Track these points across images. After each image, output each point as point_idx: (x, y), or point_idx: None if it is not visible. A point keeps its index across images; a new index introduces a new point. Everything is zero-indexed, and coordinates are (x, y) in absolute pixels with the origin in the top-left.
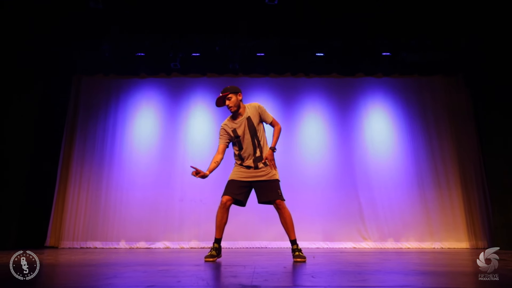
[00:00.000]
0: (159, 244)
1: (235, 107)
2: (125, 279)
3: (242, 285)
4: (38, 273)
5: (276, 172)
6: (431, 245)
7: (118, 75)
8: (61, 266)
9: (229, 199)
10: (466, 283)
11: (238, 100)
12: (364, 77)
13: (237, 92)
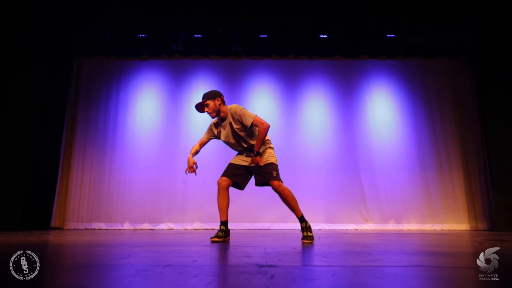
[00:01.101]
0: (162, 226)
1: (214, 113)
2: (140, 258)
3: (259, 265)
4: (54, 253)
5: (271, 157)
6: (431, 227)
7: (119, 57)
8: (73, 246)
9: (225, 180)
10: (471, 262)
11: (217, 105)
12: (368, 60)
13: (215, 97)
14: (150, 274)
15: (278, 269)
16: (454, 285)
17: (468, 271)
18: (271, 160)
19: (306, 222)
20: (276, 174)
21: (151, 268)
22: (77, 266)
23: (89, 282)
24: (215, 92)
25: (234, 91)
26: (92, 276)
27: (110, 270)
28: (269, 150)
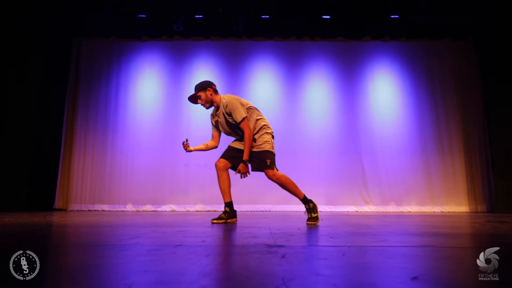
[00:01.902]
0: (165, 207)
1: (208, 103)
2: (149, 238)
3: (268, 245)
4: (64, 233)
5: (267, 144)
6: (431, 209)
7: (119, 38)
8: (80, 226)
9: (222, 161)
10: (481, 242)
11: (209, 96)
12: (371, 41)
13: (206, 88)
14: (163, 254)
15: (287, 249)
16: (464, 265)
17: (473, 251)
18: (266, 147)
19: (309, 203)
20: (270, 162)
21: (162, 248)
22: (87, 245)
23: (102, 260)
24: (205, 83)
25: (235, 73)
26: (105, 255)
27: (122, 249)
28: (265, 136)
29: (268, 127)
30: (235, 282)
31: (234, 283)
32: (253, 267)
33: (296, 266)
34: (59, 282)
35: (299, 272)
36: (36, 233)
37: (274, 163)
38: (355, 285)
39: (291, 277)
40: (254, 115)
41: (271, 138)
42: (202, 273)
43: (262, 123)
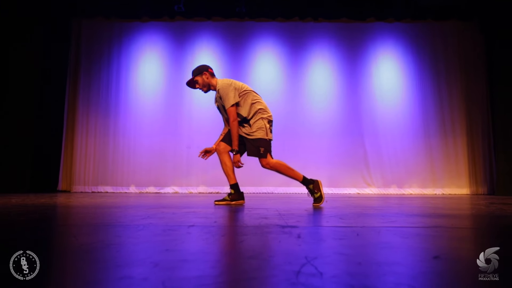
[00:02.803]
0: (168, 189)
1: (205, 87)
2: (160, 219)
3: (280, 226)
4: (75, 213)
5: (260, 131)
6: (432, 191)
7: (119, 18)
8: (88, 207)
9: (221, 144)
10: (490, 224)
11: (205, 80)
12: (375, 22)
13: (202, 72)
14: (178, 234)
15: (300, 230)
16: (482, 245)
17: (486, 232)
18: (259, 134)
19: (310, 183)
20: (263, 150)
21: (176, 228)
22: (102, 225)
23: (121, 240)
24: (201, 67)
25: (238, 54)
26: (122, 235)
27: (137, 230)
28: (259, 122)
29: (265, 110)
30: (261, 260)
31: (260, 261)
32: (273, 247)
33: (314, 245)
34: (87, 260)
35: (320, 251)
36: (46, 213)
37: (268, 150)
38: (379, 263)
39: (314, 256)
40: (249, 99)
41: (266, 124)
42: (225, 253)
43: (258, 106)
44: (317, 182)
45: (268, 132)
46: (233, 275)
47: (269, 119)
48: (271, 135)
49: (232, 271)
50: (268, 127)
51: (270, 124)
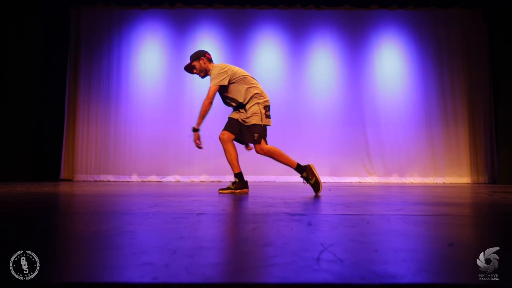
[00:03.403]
0: (170, 178)
1: (202, 73)
2: (168, 207)
3: (289, 214)
4: (81, 202)
5: (254, 117)
6: (433, 180)
7: (119, 5)
8: (94, 196)
9: (225, 133)
10: (495, 212)
11: (203, 65)
12: (378, 9)
13: (199, 57)
14: (189, 221)
15: (310, 217)
16: (493, 233)
17: (492, 220)
18: (254, 120)
19: (303, 171)
20: (257, 136)
21: (186, 216)
22: (112, 213)
23: (134, 227)
24: (199, 52)
25: (239, 42)
26: (134, 222)
27: (147, 217)
28: (254, 107)
29: (261, 95)
30: (277, 247)
31: (277, 248)
32: (286, 234)
33: (327, 233)
34: (104, 247)
35: (334, 238)
36: (53, 201)
37: (262, 136)
38: (396, 250)
39: (330, 243)
40: (244, 84)
41: (261, 109)
42: (240, 240)
43: (254, 91)
44: (309, 167)
45: (263, 117)
46: (252, 261)
47: (265, 104)
48: (267, 121)
49: (251, 258)
50: (264, 113)
51: (267, 109)
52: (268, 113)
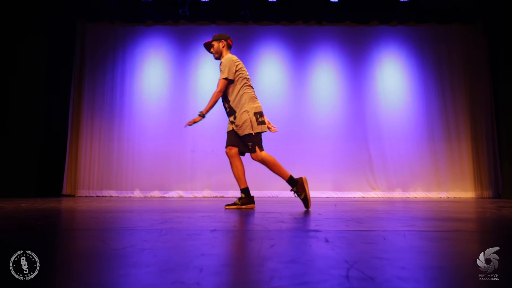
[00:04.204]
0: (172, 193)
1: (217, 54)
2: (180, 223)
3: (302, 230)
4: (90, 218)
5: (246, 127)
6: (437, 194)
7: (123, 22)
8: (101, 212)
9: (231, 148)
10: (504, 227)
11: (220, 47)
12: (379, 26)
13: (220, 39)
14: (205, 238)
15: (325, 234)
16: (505, 248)
17: (506, 235)
18: (245, 130)
19: (294, 184)
20: (251, 145)
21: (199, 232)
22: (124, 229)
23: (150, 244)
24: (223, 35)
25: (242, 58)
26: (149, 239)
27: (162, 234)
28: (244, 115)
29: (252, 101)
30: (303, 264)
31: (304, 265)
32: (307, 251)
33: (347, 250)
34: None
35: (356, 255)
36: (61, 217)
37: (256, 143)
38: (425, 267)
39: (353, 260)
40: (239, 85)
41: (251, 117)
42: (263, 257)
43: (245, 96)
44: (301, 181)
45: (255, 125)
46: (285, 279)
47: (256, 110)
48: (259, 127)
49: (282, 276)
50: (254, 120)
51: (258, 116)
52: (261, 119)
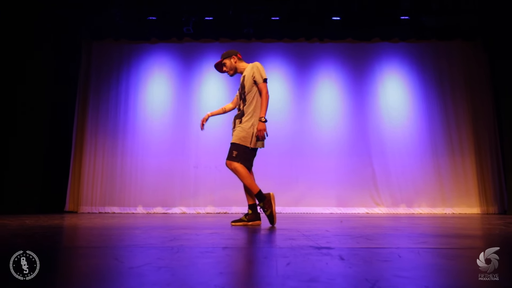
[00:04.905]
0: (175, 210)
1: (232, 71)
2: (189, 241)
3: (314, 247)
4: (98, 235)
5: (240, 134)
6: (442, 210)
7: (128, 40)
8: (107, 229)
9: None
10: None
11: (233, 63)
12: (380, 42)
13: (231, 56)
14: (219, 256)
15: (338, 251)
16: None
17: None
18: (242, 141)
19: (261, 200)
20: (236, 154)
21: (211, 249)
22: (134, 247)
23: (164, 262)
24: (231, 51)
25: None
26: (163, 257)
27: (174, 252)
28: (250, 130)
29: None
30: (325, 283)
31: (325, 284)
32: (325, 269)
33: (364, 268)
34: (151, 283)
35: (375, 273)
36: (68, 235)
37: (242, 158)
38: (450, 286)
39: (374, 279)
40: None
41: (251, 130)
42: (282, 275)
43: (257, 110)
44: (268, 198)
45: (253, 140)
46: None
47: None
48: (259, 143)
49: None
50: (253, 134)
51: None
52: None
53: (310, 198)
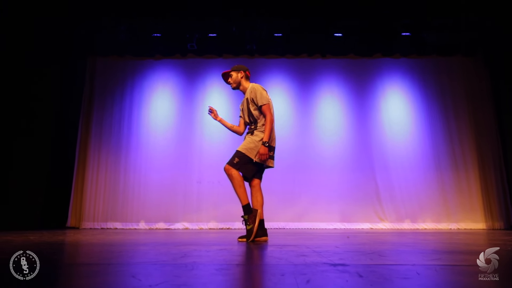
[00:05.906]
0: (178, 225)
1: (235, 84)
2: (202, 257)
3: (328, 264)
4: (109, 251)
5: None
6: (447, 226)
7: (133, 56)
8: (114, 245)
9: (254, 180)
10: None
11: (239, 78)
12: (382, 58)
13: (239, 70)
14: (235, 273)
15: (354, 268)
16: None
17: None
18: (243, 150)
19: (247, 213)
20: (237, 162)
21: (226, 267)
22: (148, 264)
23: (182, 280)
24: (242, 66)
25: None
26: (180, 275)
27: (188, 269)
28: (258, 143)
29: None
30: None
31: None
32: (347, 286)
33: (386, 285)
34: None
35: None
36: (75, 251)
37: (242, 166)
38: None
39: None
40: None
41: (260, 144)
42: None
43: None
44: (256, 213)
45: (253, 153)
46: None
47: (270, 144)
48: (268, 162)
49: None
50: (257, 146)
51: (270, 149)
52: (271, 153)
53: (313, 213)
